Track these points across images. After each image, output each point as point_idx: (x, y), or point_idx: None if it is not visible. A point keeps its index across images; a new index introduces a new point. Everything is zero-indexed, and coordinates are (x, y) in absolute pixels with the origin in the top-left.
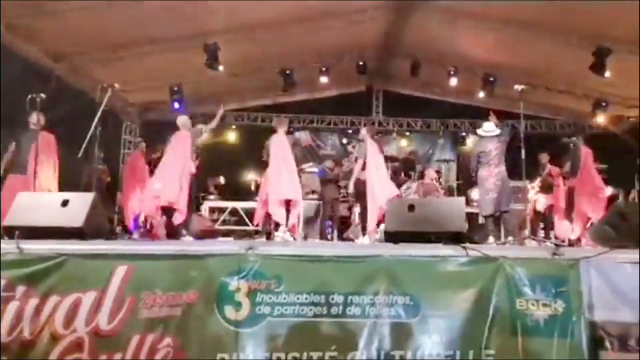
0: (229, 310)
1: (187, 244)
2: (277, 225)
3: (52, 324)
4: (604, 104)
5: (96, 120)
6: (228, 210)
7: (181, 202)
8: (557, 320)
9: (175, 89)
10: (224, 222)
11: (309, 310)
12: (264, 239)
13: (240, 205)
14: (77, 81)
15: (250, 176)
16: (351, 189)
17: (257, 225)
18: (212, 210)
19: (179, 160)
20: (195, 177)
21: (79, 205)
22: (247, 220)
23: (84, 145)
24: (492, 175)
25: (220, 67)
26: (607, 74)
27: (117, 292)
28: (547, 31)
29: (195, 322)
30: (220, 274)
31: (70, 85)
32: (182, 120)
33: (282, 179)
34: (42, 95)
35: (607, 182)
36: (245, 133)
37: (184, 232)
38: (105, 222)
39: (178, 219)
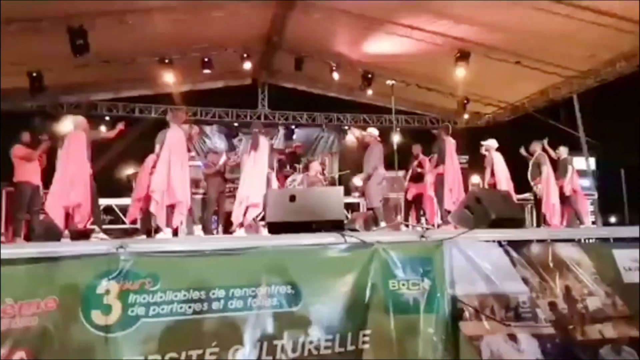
0: (97, 315)
1: (42, 246)
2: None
3: None
4: (465, 101)
5: None
6: (101, 208)
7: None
8: (424, 297)
9: (34, 75)
10: None
11: (188, 307)
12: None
13: (115, 202)
14: None
15: (128, 171)
16: None
17: (132, 223)
18: None
19: (76, 163)
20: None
21: None
22: (123, 218)
23: None
24: (384, 172)
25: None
26: (463, 72)
27: None
28: (416, 33)
29: (55, 332)
30: (85, 277)
31: None
32: (78, 120)
33: (174, 179)
34: None
35: (468, 171)
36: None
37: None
38: None
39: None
